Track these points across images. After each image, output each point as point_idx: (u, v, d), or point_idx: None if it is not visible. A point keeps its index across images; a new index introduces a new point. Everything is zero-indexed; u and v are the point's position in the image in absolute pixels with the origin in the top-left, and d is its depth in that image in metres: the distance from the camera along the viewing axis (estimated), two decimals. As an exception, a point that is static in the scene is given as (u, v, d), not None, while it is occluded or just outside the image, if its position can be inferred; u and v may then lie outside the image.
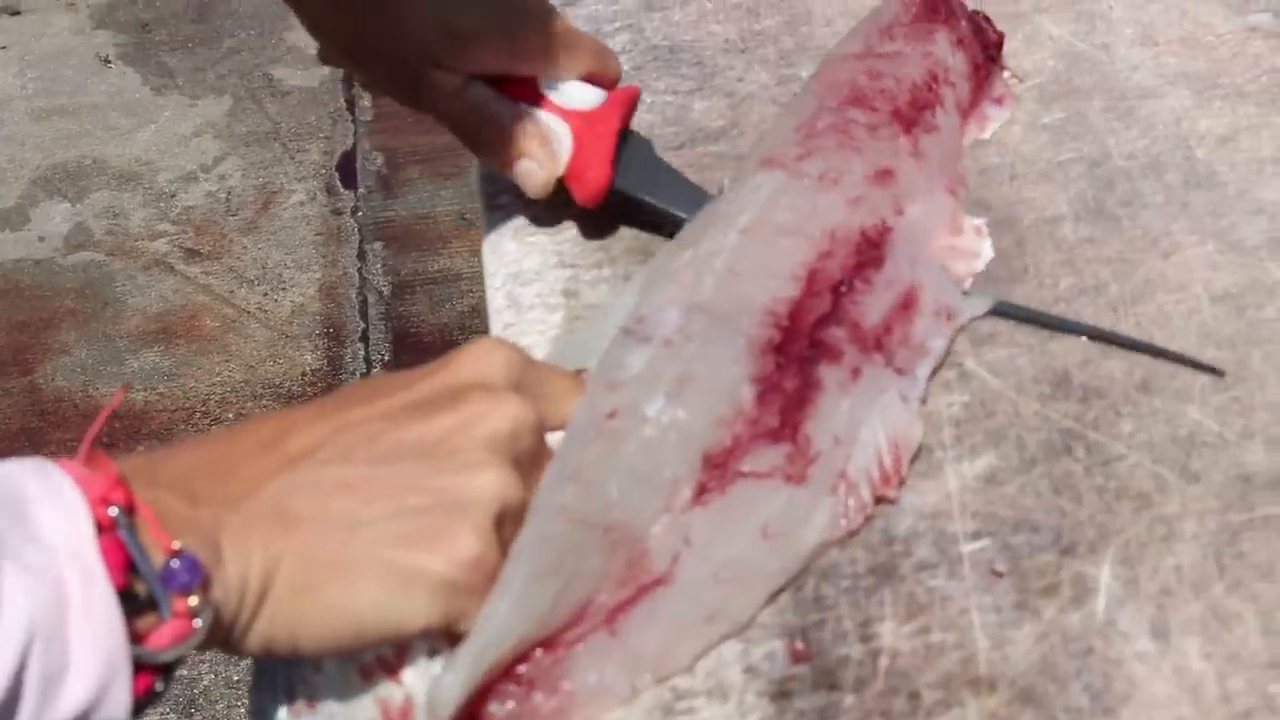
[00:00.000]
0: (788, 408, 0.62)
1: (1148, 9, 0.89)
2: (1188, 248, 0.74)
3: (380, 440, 0.56)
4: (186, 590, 0.49)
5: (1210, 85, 0.83)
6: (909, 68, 0.78)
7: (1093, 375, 0.68)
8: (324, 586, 0.53)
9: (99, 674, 0.47)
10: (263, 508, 0.53)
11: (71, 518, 0.48)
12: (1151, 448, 0.65)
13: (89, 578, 0.47)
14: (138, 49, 2.92)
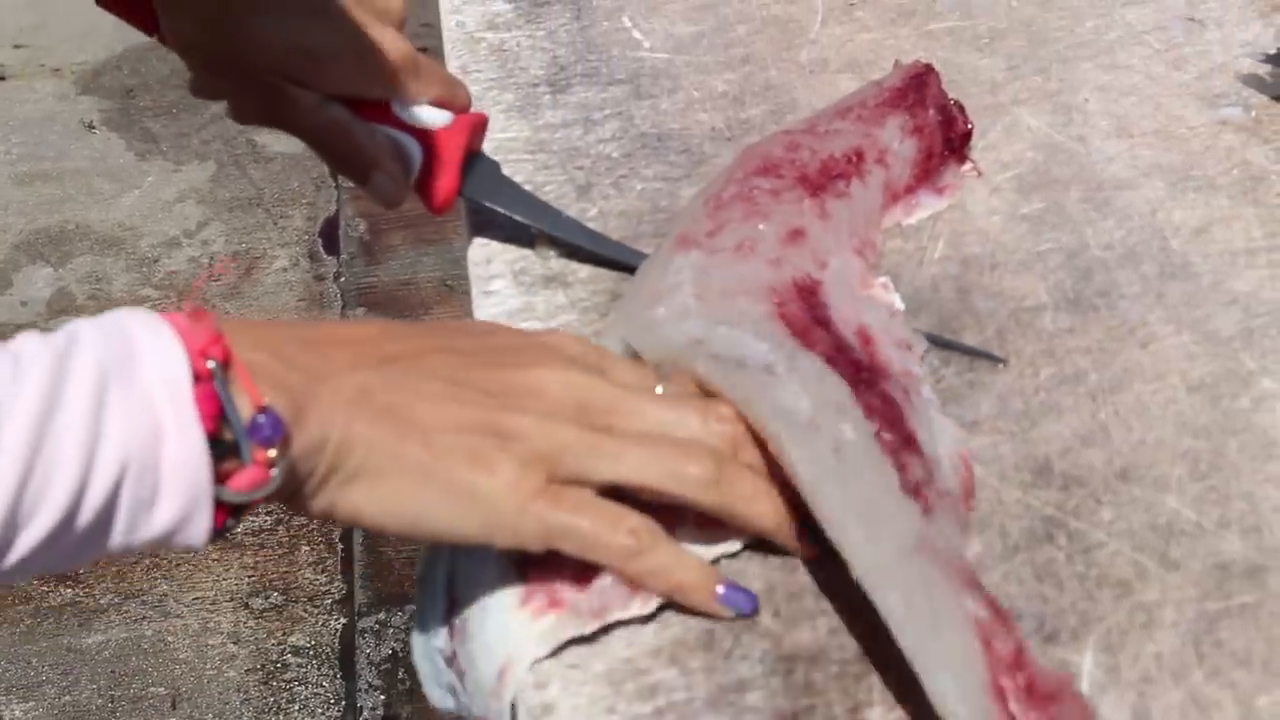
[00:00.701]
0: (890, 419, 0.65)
1: (1122, 102, 0.92)
2: (1164, 338, 0.76)
3: (467, 369, 0.63)
4: (268, 444, 0.55)
5: (1184, 177, 0.86)
6: (835, 143, 0.81)
7: (1073, 464, 0.70)
8: (390, 478, 0.59)
9: (182, 505, 0.53)
10: (351, 390, 0.59)
11: (172, 364, 0.53)
12: (1131, 535, 0.67)
13: (183, 421, 0.53)
14: (121, 115, 2.94)
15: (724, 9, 1.03)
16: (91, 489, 0.51)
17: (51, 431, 0.50)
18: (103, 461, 0.51)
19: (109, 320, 0.55)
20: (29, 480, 0.50)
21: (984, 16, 1.00)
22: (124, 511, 0.53)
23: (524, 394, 0.62)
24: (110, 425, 0.52)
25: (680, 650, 0.63)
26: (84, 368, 0.52)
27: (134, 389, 0.53)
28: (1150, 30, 0.98)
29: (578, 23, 1.02)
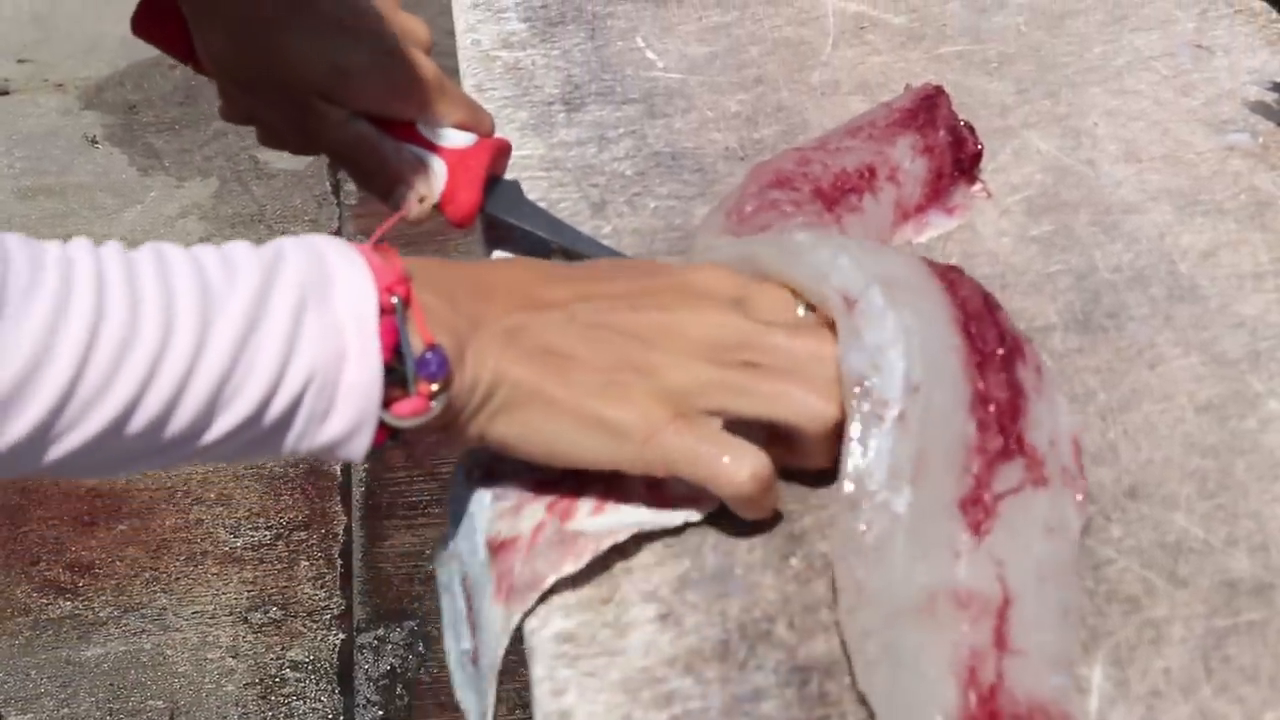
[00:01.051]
0: (1005, 422, 0.66)
1: (1130, 127, 0.93)
2: (1172, 359, 0.77)
3: (613, 313, 0.68)
4: (432, 379, 0.61)
5: (1192, 202, 0.87)
6: (846, 159, 0.82)
7: (1083, 482, 0.71)
8: (529, 410, 0.65)
9: (352, 422, 0.60)
10: (504, 333, 0.65)
11: (363, 297, 0.60)
12: (1140, 553, 0.68)
13: (365, 347, 0.60)
14: (125, 130, 2.95)
15: (737, 30, 1.04)
16: (280, 393, 0.58)
17: (255, 337, 0.57)
18: (293, 371, 0.58)
19: (311, 244, 0.61)
20: (233, 372, 0.57)
21: (993, 41, 1.02)
22: (301, 419, 0.59)
23: (663, 334, 0.67)
24: (303, 342, 0.58)
25: (696, 660, 0.64)
26: (287, 286, 0.59)
27: (327, 313, 0.59)
28: (1158, 56, 0.99)
29: (592, 42, 1.03)
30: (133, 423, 0.55)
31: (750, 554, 0.68)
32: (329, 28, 0.81)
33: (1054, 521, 0.65)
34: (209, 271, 0.58)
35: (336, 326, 0.59)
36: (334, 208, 2.74)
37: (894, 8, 1.06)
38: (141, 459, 0.58)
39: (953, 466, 0.64)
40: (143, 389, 0.55)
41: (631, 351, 0.66)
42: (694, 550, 0.68)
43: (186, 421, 0.57)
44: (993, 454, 0.65)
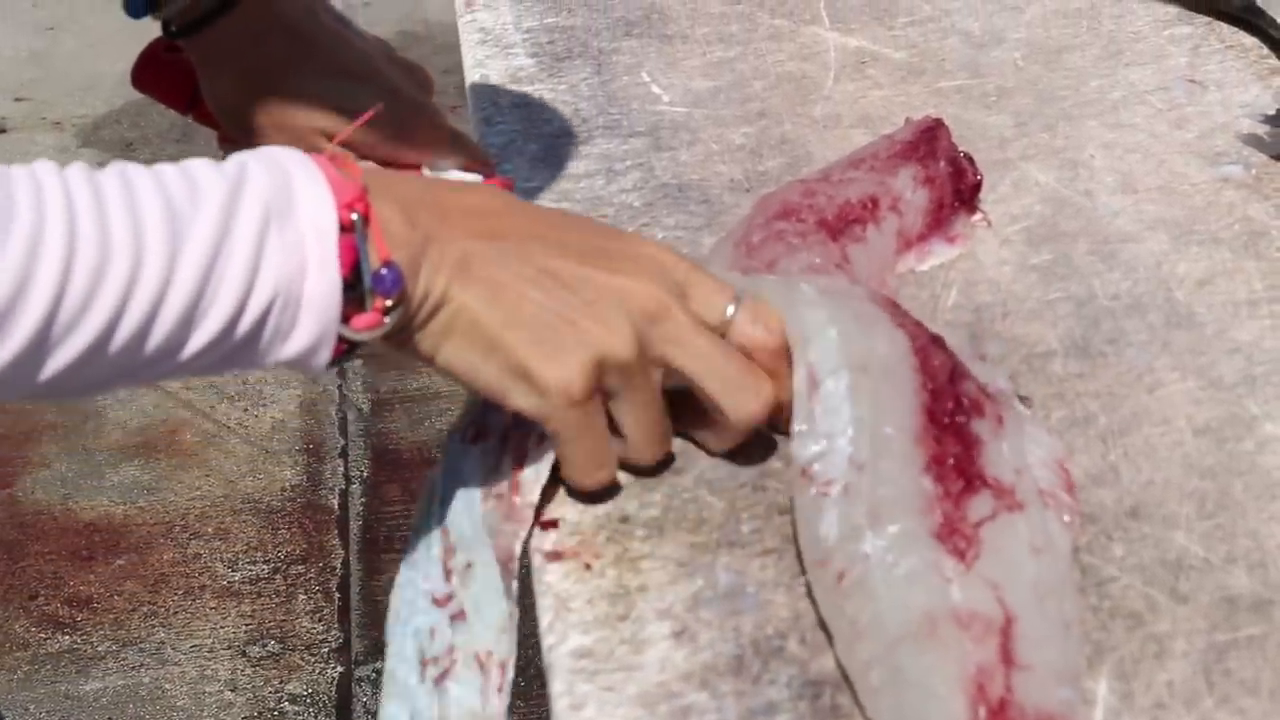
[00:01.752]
0: (964, 466, 0.68)
1: (1127, 159, 0.95)
2: (1170, 384, 0.79)
3: (562, 259, 0.68)
4: (387, 294, 0.62)
5: (1187, 231, 0.89)
6: (850, 190, 0.84)
7: (1085, 502, 0.73)
8: (467, 338, 0.66)
9: (314, 336, 0.62)
10: (457, 256, 0.66)
11: (323, 213, 0.61)
12: (1142, 570, 0.70)
13: (325, 263, 0.61)
14: (121, 167, 2.97)
15: (740, 65, 1.06)
16: (248, 310, 0.59)
17: (223, 253, 0.58)
18: (259, 286, 0.59)
19: (273, 159, 0.62)
20: (203, 292, 0.58)
21: (992, 75, 1.04)
22: (268, 334, 0.61)
23: (603, 296, 0.68)
24: (267, 261, 0.59)
25: (711, 674, 0.65)
26: (251, 204, 0.59)
27: (289, 229, 0.60)
28: (1153, 91, 1.02)
29: (598, 77, 1.05)
30: (113, 342, 0.57)
31: (762, 572, 0.70)
32: (336, 73, 0.84)
33: (1039, 542, 0.66)
34: (174, 193, 0.59)
35: (299, 243, 0.60)
36: (330, 244, 2.76)
37: (894, 43, 1.08)
38: (127, 375, 0.60)
39: (912, 511, 0.66)
40: (118, 313, 0.56)
41: (572, 306, 0.67)
42: (707, 569, 0.70)
43: (162, 339, 0.58)
44: (956, 493, 0.67)
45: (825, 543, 0.67)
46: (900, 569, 0.64)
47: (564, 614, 0.68)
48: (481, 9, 1.14)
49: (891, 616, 0.63)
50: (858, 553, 0.65)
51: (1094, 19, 1.10)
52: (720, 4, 1.13)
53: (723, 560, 0.70)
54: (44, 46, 3.36)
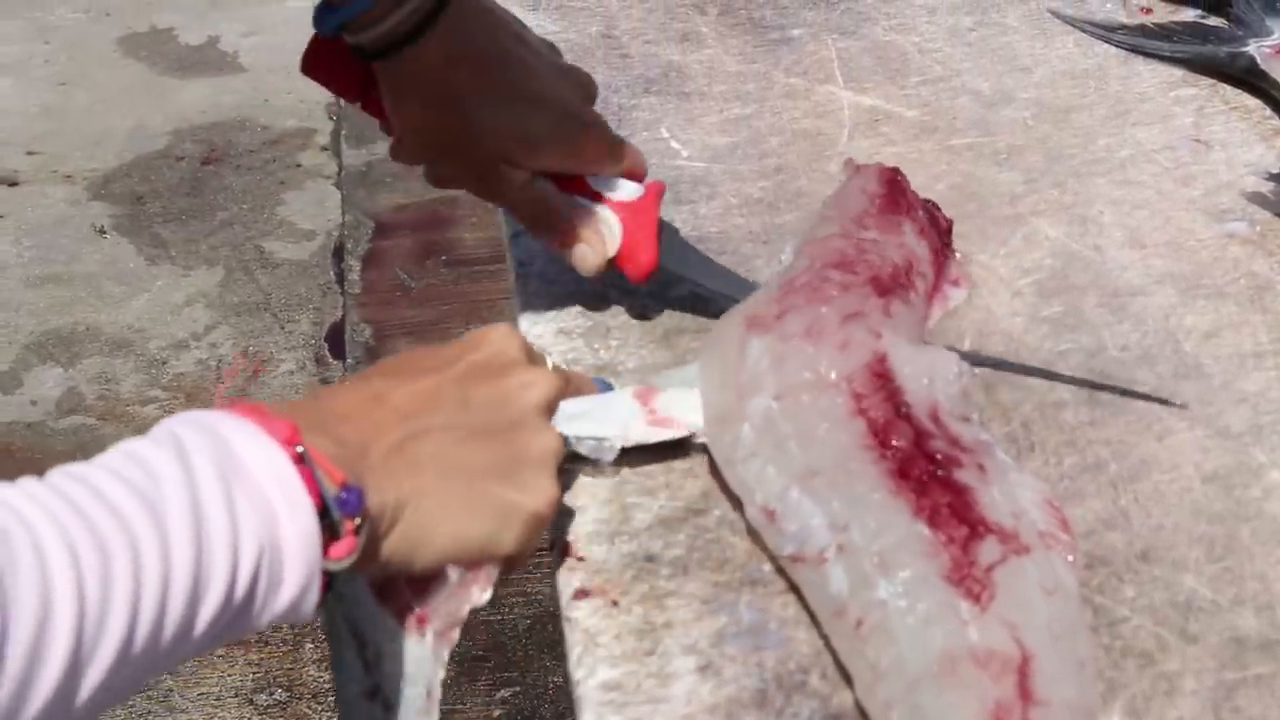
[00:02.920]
0: (961, 515, 0.70)
1: (1135, 215, 0.98)
2: (1179, 432, 0.82)
3: (463, 401, 0.71)
4: (354, 514, 0.61)
5: (1194, 285, 0.92)
6: (890, 252, 0.86)
7: (1097, 544, 0.75)
8: (446, 519, 0.67)
9: (302, 580, 0.59)
10: (391, 452, 0.66)
11: (271, 455, 0.59)
12: (1153, 611, 0.72)
13: (293, 503, 0.59)
14: (132, 220, 3.00)
15: (756, 122, 1.09)
16: (241, 569, 0.57)
17: (204, 524, 0.56)
18: (244, 546, 0.57)
19: (194, 422, 0.60)
20: (200, 561, 0.55)
21: (1002, 133, 1.07)
22: (262, 588, 0.58)
23: (516, 406, 0.72)
24: (242, 519, 0.57)
25: (735, 707, 0.67)
26: (204, 468, 0.57)
27: (247, 484, 0.58)
28: (1159, 150, 1.04)
29: (619, 132, 1.07)
30: (135, 642, 0.54)
31: (784, 610, 0.72)
32: (516, 99, 0.85)
33: (1050, 584, 0.68)
34: (136, 482, 0.56)
35: (261, 494, 0.58)
36: (338, 297, 2.78)
37: (906, 101, 1.11)
38: (148, 670, 0.56)
39: (918, 555, 0.68)
40: (134, 609, 0.53)
41: (497, 429, 0.71)
42: (730, 606, 0.72)
43: (176, 623, 0.55)
44: (962, 539, 0.69)
45: (839, 598, 0.69)
46: (917, 612, 0.66)
47: (592, 649, 0.70)
48: (504, 65, 1.16)
49: (912, 657, 0.65)
50: (873, 599, 0.67)
51: (1101, 80, 1.13)
52: (737, 63, 1.16)
53: (745, 598, 0.72)
54: (56, 101, 3.39)
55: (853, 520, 0.70)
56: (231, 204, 3.02)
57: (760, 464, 0.74)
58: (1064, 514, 0.73)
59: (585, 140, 0.88)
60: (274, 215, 2.99)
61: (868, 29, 1.20)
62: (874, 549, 0.68)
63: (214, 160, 3.15)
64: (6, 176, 3.12)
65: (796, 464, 0.73)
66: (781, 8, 1.24)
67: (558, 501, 0.71)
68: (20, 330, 2.70)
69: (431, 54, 0.82)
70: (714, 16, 1.23)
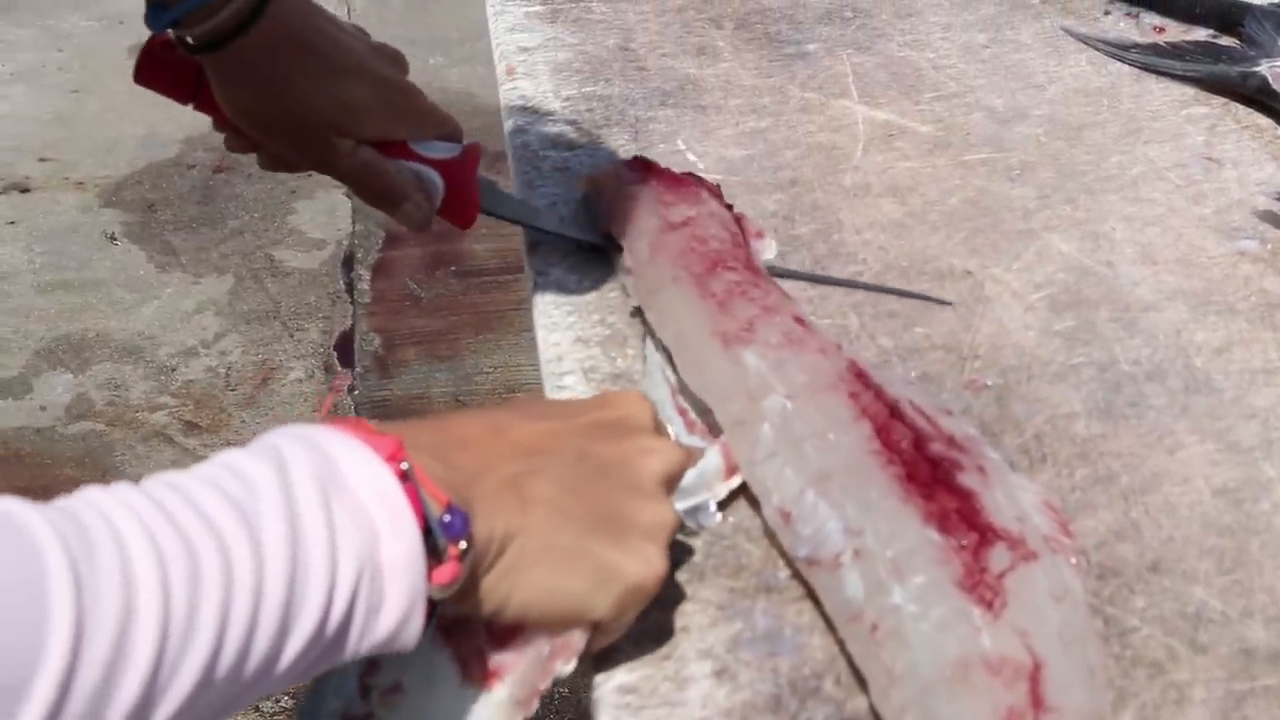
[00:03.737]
0: (969, 520, 0.70)
1: (1146, 232, 0.99)
2: (1190, 446, 0.82)
3: (584, 453, 0.68)
4: (458, 538, 0.58)
5: (1205, 302, 0.93)
6: (712, 227, 0.90)
7: (1108, 555, 0.76)
8: (545, 565, 0.64)
9: (405, 604, 0.56)
10: (503, 483, 0.64)
11: (374, 470, 0.57)
12: (1163, 622, 0.73)
13: (396, 521, 0.56)
14: (143, 228, 3.01)
15: (772, 135, 1.10)
16: (339, 590, 0.54)
17: (301, 540, 0.54)
18: (343, 568, 0.54)
19: (298, 435, 0.58)
20: (294, 588, 0.53)
21: (1015, 150, 1.08)
22: (360, 613, 0.55)
23: (637, 471, 0.68)
24: (341, 533, 0.55)
25: (751, 712, 0.68)
26: (304, 482, 0.55)
27: (348, 498, 0.56)
28: (1171, 168, 1.05)
29: (635, 144, 1.09)
30: (219, 667, 0.51)
31: (799, 617, 0.73)
32: (337, 71, 0.91)
33: (1058, 590, 0.69)
34: (232, 492, 0.54)
35: (362, 511, 0.56)
36: (348, 305, 2.79)
37: (920, 117, 1.12)
38: (228, 705, 0.53)
39: (930, 562, 0.69)
40: (225, 613, 0.51)
41: (615, 488, 0.67)
42: (745, 613, 0.73)
43: (264, 648, 0.52)
44: (972, 545, 0.70)
45: (854, 602, 0.70)
46: (931, 618, 0.67)
47: (610, 652, 0.71)
48: (522, 78, 1.17)
49: (925, 663, 0.66)
50: (888, 605, 0.68)
51: (1114, 98, 1.14)
52: (752, 77, 1.17)
53: (761, 604, 0.73)
54: (68, 108, 3.41)
55: (867, 525, 0.71)
56: (242, 212, 3.03)
57: (779, 464, 0.75)
58: (1064, 516, 0.74)
59: (403, 105, 0.94)
60: (284, 224, 3.01)
61: (882, 44, 1.22)
62: (888, 554, 0.69)
63: (225, 168, 3.16)
64: (19, 183, 3.14)
65: (812, 466, 0.74)
66: (797, 23, 1.25)
67: (663, 577, 0.67)
68: (31, 336, 2.71)
69: (257, 41, 0.87)
70: (730, 31, 1.24)
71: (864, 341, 0.89)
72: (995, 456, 0.76)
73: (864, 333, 0.90)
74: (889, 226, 0.99)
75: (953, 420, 0.77)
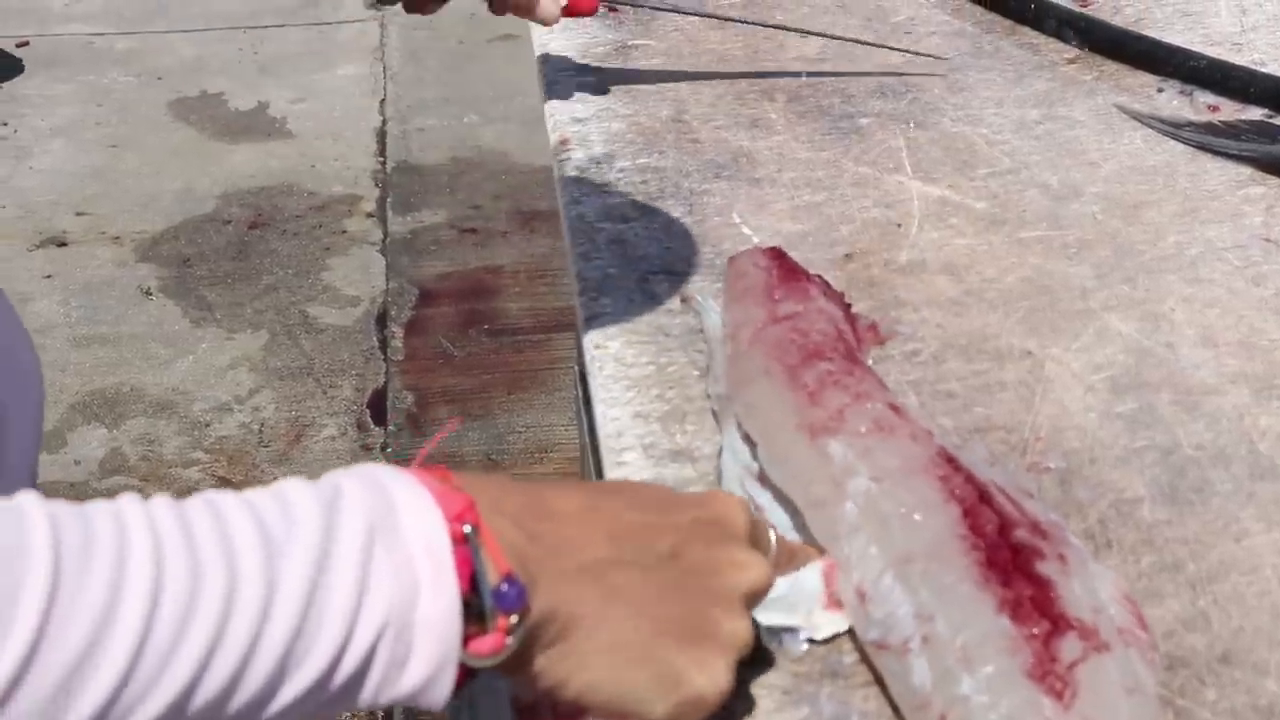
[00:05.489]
0: (1043, 609, 0.70)
1: (1206, 313, 0.99)
2: (1256, 534, 0.82)
3: (675, 553, 0.66)
4: (510, 611, 0.57)
5: (1268, 385, 0.92)
6: (819, 321, 0.89)
7: (1177, 645, 0.75)
8: (611, 657, 0.62)
9: (431, 667, 0.55)
10: (582, 566, 0.62)
11: (431, 524, 0.56)
12: (1234, 715, 0.72)
13: (439, 582, 0.55)
14: (178, 283, 3.03)
15: (827, 210, 1.10)
16: (356, 638, 0.53)
17: (323, 587, 0.53)
18: (367, 612, 0.54)
19: (368, 475, 0.58)
20: (302, 629, 0.52)
21: (1071, 228, 1.08)
22: (378, 668, 0.55)
23: (724, 579, 0.66)
24: (375, 583, 0.54)
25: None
26: (352, 524, 0.55)
27: (397, 548, 0.55)
28: (1229, 248, 1.05)
29: (690, 217, 1.09)
30: (202, 687, 0.50)
31: (865, 703, 0.72)
32: None
33: (1130, 682, 0.69)
34: (267, 520, 0.54)
35: (408, 562, 0.55)
36: (381, 363, 2.80)
37: (975, 193, 1.12)
38: None
39: (1001, 651, 0.68)
40: (208, 653, 0.50)
41: (697, 595, 0.65)
42: (811, 698, 0.72)
43: (254, 690, 0.52)
44: (1044, 635, 0.69)
45: (922, 690, 0.69)
46: (1000, 709, 0.67)
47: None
48: (576, 148, 1.18)
49: None
50: (956, 695, 0.68)
51: (1170, 176, 1.14)
52: (806, 151, 1.17)
53: (827, 689, 0.73)
54: (106, 163, 3.44)
55: (939, 611, 0.70)
56: (277, 268, 3.05)
57: (864, 540, 0.74)
58: (1140, 609, 0.73)
59: None
60: (318, 280, 3.02)
61: (935, 119, 1.22)
62: (958, 643, 0.69)
63: (260, 224, 3.18)
64: (56, 237, 3.16)
65: (898, 545, 0.73)
66: (849, 96, 1.25)
67: (726, 695, 0.65)
68: (66, 390, 2.72)
69: None
70: (782, 104, 1.24)
71: (924, 422, 0.88)
72: (1077, 544, 0.75)
73: (924, 412, 0.90)
74: (945, 304, 0.99)
75: (1036, 504, 0.77)
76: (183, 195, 3.31)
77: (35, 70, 3.85)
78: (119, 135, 3.55)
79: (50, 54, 3.92)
